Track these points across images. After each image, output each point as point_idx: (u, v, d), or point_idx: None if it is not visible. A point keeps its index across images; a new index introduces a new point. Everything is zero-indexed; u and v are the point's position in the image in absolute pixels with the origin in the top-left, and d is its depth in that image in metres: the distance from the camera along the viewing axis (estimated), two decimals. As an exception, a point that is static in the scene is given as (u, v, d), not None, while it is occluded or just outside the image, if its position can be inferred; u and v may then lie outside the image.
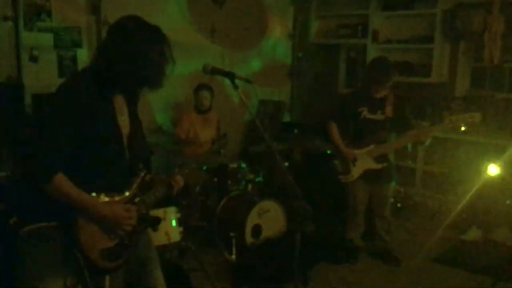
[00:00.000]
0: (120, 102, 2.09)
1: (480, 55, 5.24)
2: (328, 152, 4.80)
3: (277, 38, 6.36)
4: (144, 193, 2.19)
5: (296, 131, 5.64)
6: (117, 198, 2.07)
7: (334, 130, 4.06)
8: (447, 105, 5.47)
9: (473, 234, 4.51)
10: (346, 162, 4.02)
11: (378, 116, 3.94)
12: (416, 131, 3.91)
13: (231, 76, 2.41)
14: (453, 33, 5.40)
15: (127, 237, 2.10)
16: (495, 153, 4.75)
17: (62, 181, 1.90)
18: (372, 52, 5.92)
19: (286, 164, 5.15)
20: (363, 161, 3.98)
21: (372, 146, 3.95)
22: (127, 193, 2.11)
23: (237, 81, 2.42)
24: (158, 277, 2.33)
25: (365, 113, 3.94)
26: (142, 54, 1.92)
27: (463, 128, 3.75)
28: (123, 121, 2.11)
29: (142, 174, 2.20)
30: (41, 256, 2.02)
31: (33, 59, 4.05)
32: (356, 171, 4.00)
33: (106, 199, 2.03)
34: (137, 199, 2.14)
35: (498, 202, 4.63)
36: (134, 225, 2.08)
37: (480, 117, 3.73)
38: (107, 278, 2.07)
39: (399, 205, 5.18)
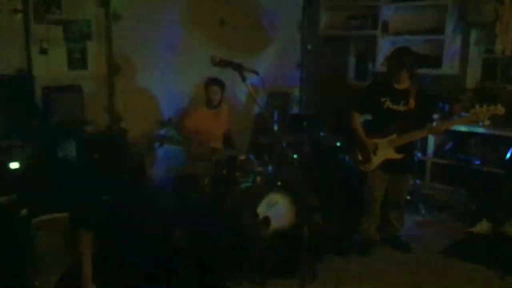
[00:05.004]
0: None
1: (491, 47, 5.19)
2: (338, 144, 4.79)
3: (286, 30, 6.33)
4: None
5: (304, 123, 5.62)
6: None
7: (356, 119, 4.08)
8: (458, 97, 5.41)
9: (482, 227, 4.48)
10: (366, 151, 4.02)
11: (401, 107, 3.93)
12: (439, 123, 3.91)
13: (239, 67, 2.41)
14: (464, 24, 5.35)
15: None
16: (506, 145, 4.71)
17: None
18: (382, 44, 5.87)
19: (295, 156, 5.14)
20: (384, 150, 3.98)
21: (393, 136, 3.94)
22: None
23: (245, 73, 2.42)
24: None
25: (388, 103, 3.94)
26: None
27: (487, 122, 3.71)
28: None
29: None
30: (51, 247, 2.04)
31: (43, 51, 4.06)
32: (376, 160, 4.00)
33: None
34: None
35: (508, 195, 4.58)
36: None
37: (504, 110, 3.68)
38: None
39: (408, 197, 5.16)
